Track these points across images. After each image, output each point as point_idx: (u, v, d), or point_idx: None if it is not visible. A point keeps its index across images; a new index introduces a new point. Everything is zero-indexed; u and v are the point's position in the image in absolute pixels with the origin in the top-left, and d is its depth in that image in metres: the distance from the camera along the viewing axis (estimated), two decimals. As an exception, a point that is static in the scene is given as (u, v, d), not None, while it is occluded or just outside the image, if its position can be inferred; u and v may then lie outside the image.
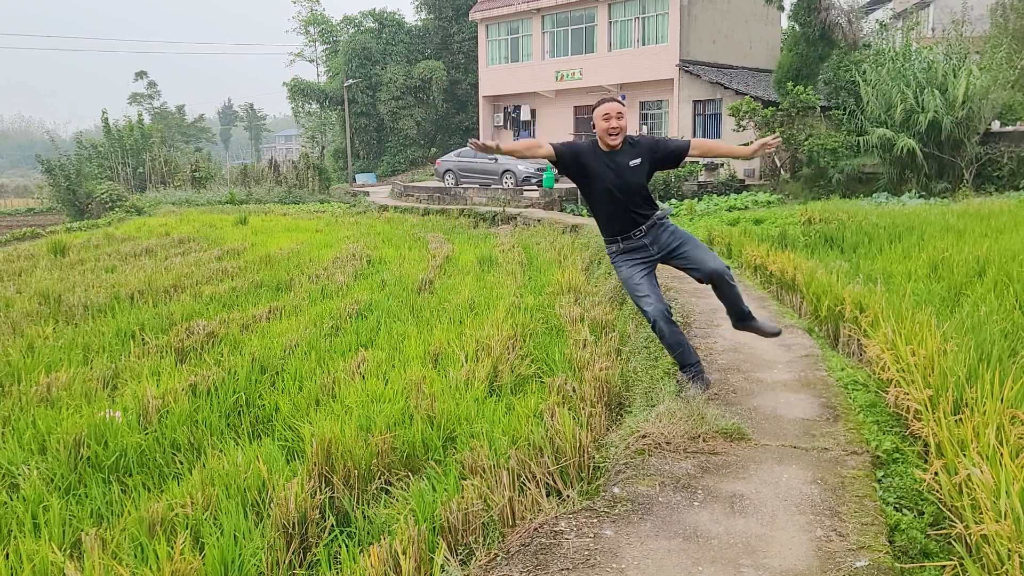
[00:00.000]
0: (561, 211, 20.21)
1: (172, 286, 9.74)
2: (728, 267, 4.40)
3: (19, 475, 4.18)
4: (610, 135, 4.17)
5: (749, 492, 3.23)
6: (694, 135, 26.21)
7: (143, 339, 7.23)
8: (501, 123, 33.30)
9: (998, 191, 16.65)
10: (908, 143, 17.14)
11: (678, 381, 4.72)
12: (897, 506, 3.10)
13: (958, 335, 4.87)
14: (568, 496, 3.33)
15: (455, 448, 4.35)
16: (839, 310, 6.18)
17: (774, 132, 20.12)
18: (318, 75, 49.95)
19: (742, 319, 4.58)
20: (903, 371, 4.30)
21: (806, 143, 19.74)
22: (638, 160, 4.27)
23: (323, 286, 9.70)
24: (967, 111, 17.29)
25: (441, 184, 26.11)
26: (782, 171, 21.16)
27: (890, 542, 2.81)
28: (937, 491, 3.08)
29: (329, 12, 46.38)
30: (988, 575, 2.49)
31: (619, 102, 4.27)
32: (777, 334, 4.70)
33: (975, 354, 4.44)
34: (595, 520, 3.04)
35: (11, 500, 3.93)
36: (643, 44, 27.62)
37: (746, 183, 21.88)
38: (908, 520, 2.96)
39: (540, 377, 5.71)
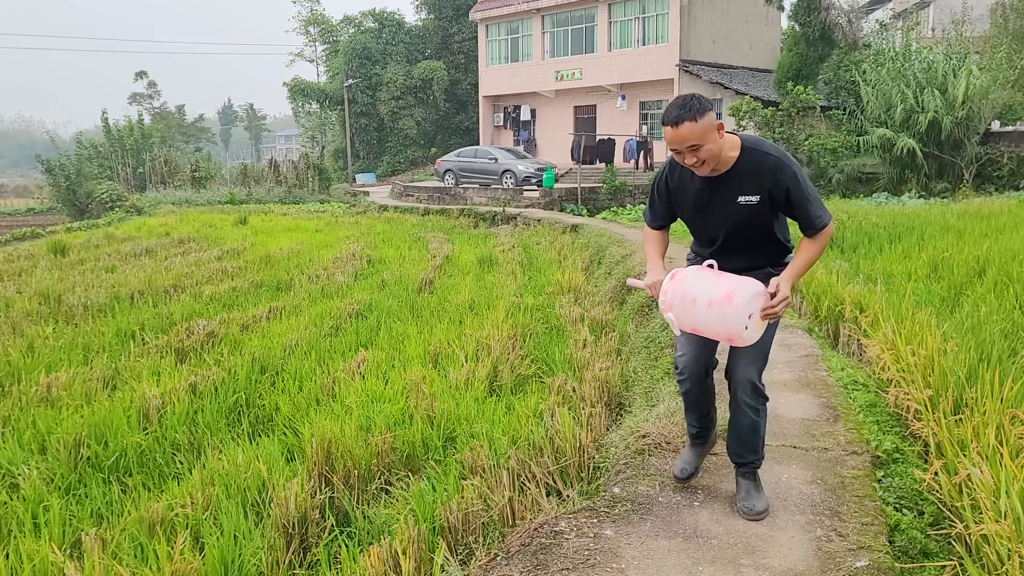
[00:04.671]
0: (561, 211, 20.21)
1: (172, 286, 9.74)
2: (761, 388, 2.95)
3: (19, 475, 4.18)
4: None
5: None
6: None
7: (143, 339, 7.22)
8: (501, 123, 33.31)
9: (998, 191, 16.66)
10: (908, 143, 17.14)
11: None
12: (897, 506, 3.10)
13: (958, 335, 4.87)
14: (568, 496, 3.33)
15: (455, 448, 4.34)
16: (839, 310, 6.18)
17: (774, 132, 20.15)
18: (318, 75, 49.99)
19: (738, 464, 3.07)
20: (903, 371, 4.30)
21: (806, 143, 19.75)
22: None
23: (323, 286, 9.70)
24: (967, 111, 17.30)
25: (441, 184, 26.12)
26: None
27: (890, 542, 2.81)
28: (937, 491, 3.08)
29: (329, 12, 46.42)
30: (988, 575, 2.49)
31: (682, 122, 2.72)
32: (756, 518, 2.95)
33: (975, 354, 4.43)
34: (595, 520, 3.04)
35: (11, 500, 3.93)
36: (643, 44, 27.62)
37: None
38: (908, 520, 2.96)
39: (540, 377, 5.71)
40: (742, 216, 2.84)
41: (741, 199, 2.83)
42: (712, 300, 2.67)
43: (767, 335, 2.93)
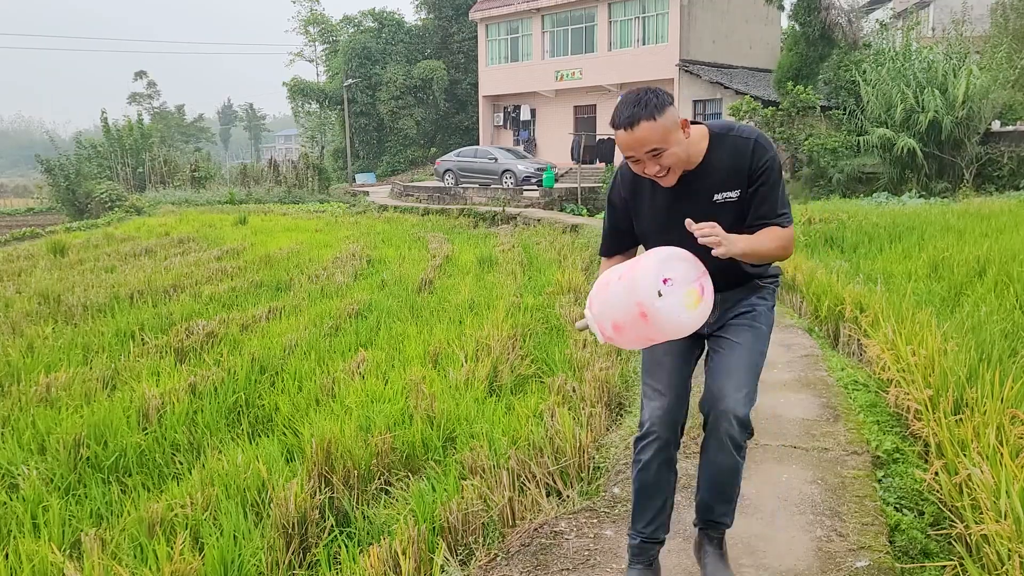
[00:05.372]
0: (561, 211, 20.22)
1: (172, 286, 9.74)
2: (749, 421, 2.35)
3: (19, 475, 4.17)
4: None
5: (749, 492, 3.22)
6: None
7: (143, 339, 7.22)
8: (501, 123, 33.31)
9: (998, 191, 16.66)
10: (908, 143, 17.14)
11: None
12: (897, 506, 3.10)
13: (958, 335, 4.87)
14: (568, 496, 3.33)
15: (455, 448, 4.34)
16: (839, 310, 6.19)
17: (774, 131, 20.17)
18: (317, 75, 49.95)
19: (706, 522, 2.51)
20: (903, 371, 4.30)
21: (806, 143, 19.75)
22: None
23: (323, 286, 9.69)
24: (967, 111, 17.29)
25: (441, 184, 26.12)
26: (782, 171, 21.16)
27: (890, 542, 2.81)
28: (937, 491, 3.08)
29: (329, 12, 46.27)
30: (988, 575, 2.49)
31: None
32: None
33: (975, 354, 4.43)
34: (595, 520, 3.04)
35: (11, 500, 3.93)
36: (643, 44, 27.62)
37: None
38: (908, 520, 2.96)
39: (540, 377, 5.70)
40: (721, 219, 2.22)
41: (718, 197, 2.29)
42: (623, 272, 2.18)
43: (755, 350, 2.37)
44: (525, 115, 32.16)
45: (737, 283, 2.39)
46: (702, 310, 2.13)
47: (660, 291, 2.06)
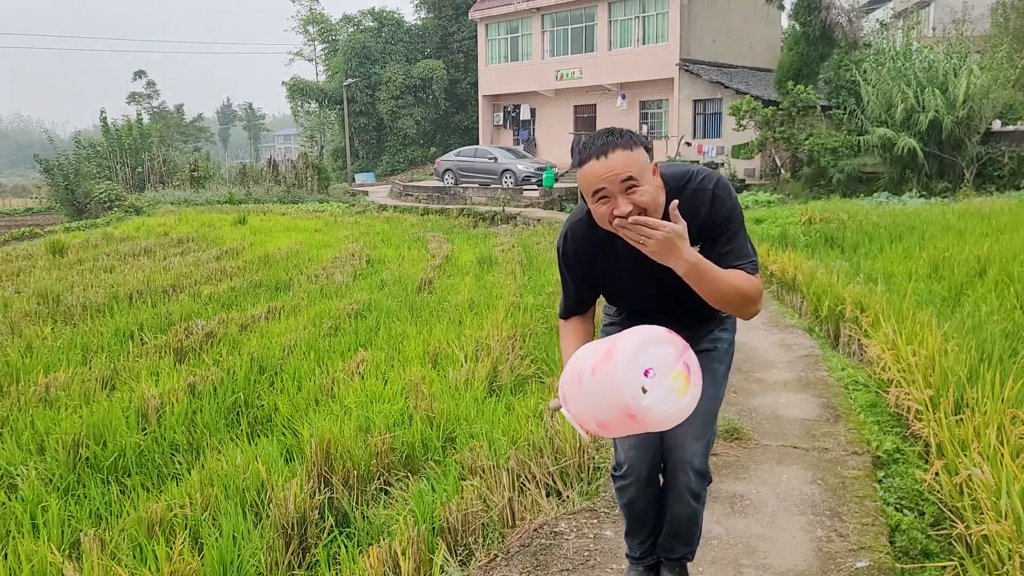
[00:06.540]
0: (561, 211, 20.20)
1: (171, 286, 9.73)
2: (707, 471, 2.36)
3: (18, 475, 4.17)
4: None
5: (749, 492, 3.22)
6: (694, 135, 26.21)
7: (142, 339, 7.21)
8: (501, 122, 33.30)
9: (999, 191, 16.66)
10: (909, 143, 17.13)
11: None
12: (898, 506, 3.10)
13: (959, 335, 4.86)
14: (568, 497, 3.33)
15: (455, 448, 4.33)
16: (840, 310, 6.18)
17: (774, 131, 20.16)
18: (317, 74, 49.88)
19: (668, 560, 2.48)
20: (904, 371, 4.29)
21: (806, 142, 19.74)
22: None
23: (322, 286, 9.69)
24: (968, 110, 17.29)
25: (441, 184, 26.11)
26: (782, 171, 21.15)
27: (891, 542, 2.81)
28: (938, 491, 3.08)
29: (328, 11, 46.21)
30: (988, 575, 2.48)
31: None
32: None
33: (976, 354, 4.43)
34: (595, 520, 3.04)
35: (10, 500, 3.92)
36: (643, 43, 27.61)
37: (747, 183, 21.89)
38: (909, 520, 2.96)
39: (540, 377, 5.70)
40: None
41: None
42: (595, 364, 1.88)
43: (712, 395, 2.26)
44: (525, 115, 32.15)
45: (706, 317, 2.29)
46: (693, 392, 1.88)
47: (644, 387, 1.82)
